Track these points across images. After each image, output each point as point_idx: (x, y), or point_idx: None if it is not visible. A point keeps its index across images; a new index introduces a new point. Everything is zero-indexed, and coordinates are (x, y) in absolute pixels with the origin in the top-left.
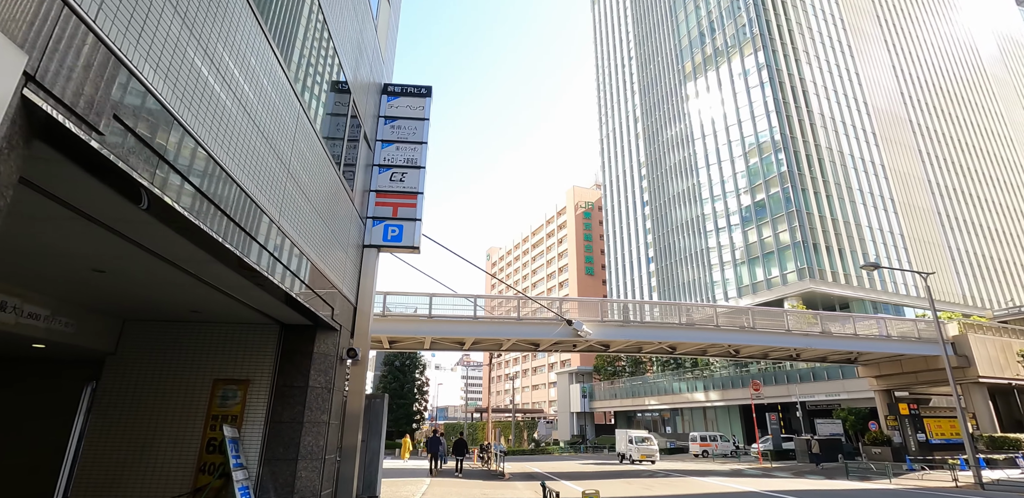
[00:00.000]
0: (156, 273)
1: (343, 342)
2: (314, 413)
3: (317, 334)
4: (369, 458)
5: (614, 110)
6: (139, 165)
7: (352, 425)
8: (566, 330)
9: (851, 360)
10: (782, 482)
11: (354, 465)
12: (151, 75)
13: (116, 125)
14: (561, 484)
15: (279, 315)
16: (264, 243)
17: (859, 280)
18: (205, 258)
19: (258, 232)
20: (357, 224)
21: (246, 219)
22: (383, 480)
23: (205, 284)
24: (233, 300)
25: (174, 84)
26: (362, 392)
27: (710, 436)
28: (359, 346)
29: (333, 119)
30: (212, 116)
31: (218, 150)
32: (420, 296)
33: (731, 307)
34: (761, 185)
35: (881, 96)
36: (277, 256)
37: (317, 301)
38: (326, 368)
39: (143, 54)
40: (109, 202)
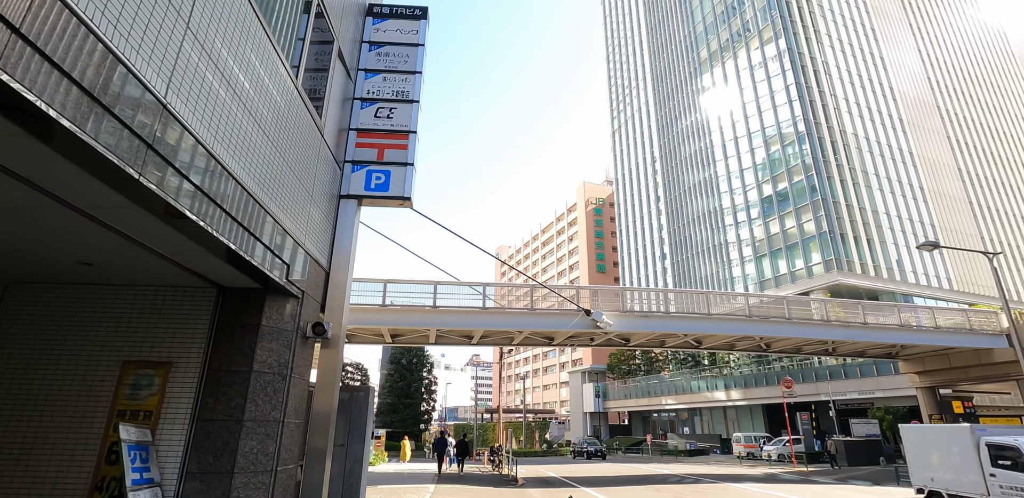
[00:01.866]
0: (44, 220)
1: (307, 314)
2: (261, 408)
3: (268, 301)
4: (350, 466)
5: (626, 102)
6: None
7: (321, 425)
8: (584, 321)
9: (891, 355)
10: (830, 490)
11: (323, 476)
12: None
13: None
14: (582, 491)
15: (215, 274)
16: (186, 171)
17: (889, 272)
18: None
19: (178, 156)
20: (331, 170)
21: (159, 137)
22: (381, 487)
23: (109, 229)
24: (150, 253)
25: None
26: (334, 383)
27: (755, 437)
28: (331, 321)
29: (300, 42)
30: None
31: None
32: (424, 284)
33: (766, 295)
34: (783, 174)
35: (908, 81)
36: (208, 192)
37: (269, 257)
38: (280, 348)
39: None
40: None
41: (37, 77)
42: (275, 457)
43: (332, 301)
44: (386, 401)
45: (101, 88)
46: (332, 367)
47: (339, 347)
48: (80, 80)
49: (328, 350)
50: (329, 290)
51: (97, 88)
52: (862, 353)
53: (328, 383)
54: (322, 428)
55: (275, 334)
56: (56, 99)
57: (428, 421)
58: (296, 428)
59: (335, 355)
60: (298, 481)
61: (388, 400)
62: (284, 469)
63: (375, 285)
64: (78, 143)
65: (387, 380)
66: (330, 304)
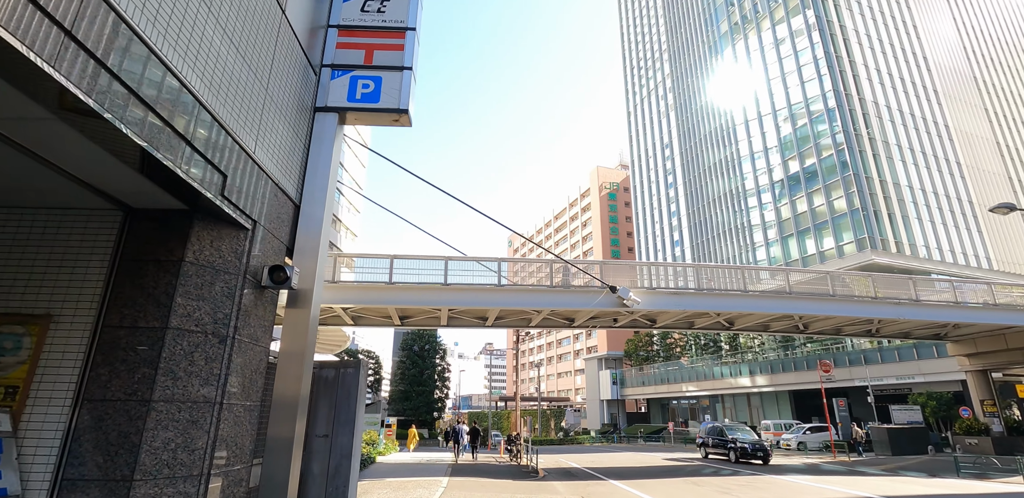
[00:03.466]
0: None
1: (263, 254)
2: (183, 383)
3: (197, 229)
4: (336, 462)
5: (641, 82)
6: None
7: (286, 409)
8: (608, 299)
9: (939, 336)
10: (889, 484)
11: (288, 478)
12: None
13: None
14: (611, 485)
15: (119, 188)
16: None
17: (926, 251)
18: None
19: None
20: (302, 72)
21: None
22: (390, 480)
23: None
24: (20, 153)
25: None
26: (305, 352)
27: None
28: (301, 268)
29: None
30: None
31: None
32: (434, 260)
33: (810, 270)
34: (811, 149)
35: (943, 51)
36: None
37: (197, 161)
38: (217, 297)
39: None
40: None
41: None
42: (206, 455)
43: (303, 242)
44: (398, 389)
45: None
46: (302, 331)
47: (312, 305)
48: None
49: (297, 309)
50: (300, 229)
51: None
52: (907, 334)
53: (296, 352)
54: (287, 413)
55: (208, 277)
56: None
57: (441, 409)
58: (246, 413)
59: (306, 316)
60: (250, 488)
61: (400, 387)
62: (225, 472)
63: (381, 261)
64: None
65: (399, 367)
66: (301, 246)
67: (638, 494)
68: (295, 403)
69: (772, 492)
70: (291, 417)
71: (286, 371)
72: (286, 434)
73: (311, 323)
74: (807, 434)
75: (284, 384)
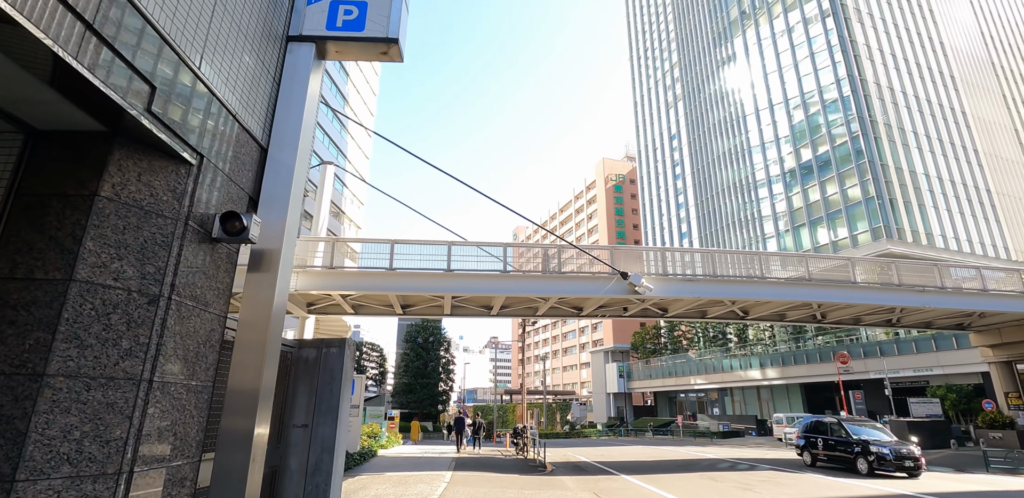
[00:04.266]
0: None
1: (213, 199)
2: (93, 353)
3: (118, 156)
4: (316, 457)
5: (648, 70)
6: None
7: (244, 393)
8: (619, 286)
9: (962, 325)
10: (918, 480)
11: (246, 476)
12: None
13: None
14: (623, 480)
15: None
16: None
17: (943, 240)
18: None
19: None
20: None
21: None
22: (390, 474)
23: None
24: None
25: None
26: (268, 324)
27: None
28: (267, 223)
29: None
30: None
31: None
32: (436, 245)
33: (832, 256)
34: (824, 137)
35: (960, 36)
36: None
37: (119, 69)
38: (146, 245)
39: None
40: None
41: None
42: (126, 447)
43: (272, 193)
44: (402, 381)
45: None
46: (266, 299)
47: (280, 268)
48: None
49: (261, 273)
50: (268, 176)
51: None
52: (929, 324)
53: (258, 324)
54: (247, 398)
55: (133, 219)
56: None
57: (446, 402)
58: (190, 395)
59: (272, 281)
60: (199, 488)
61: (404, 380)
62: (157, 469)
63: (381, 247)
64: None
65: (403, 359)
66: (268, 197)
67: (653, 490)
68: (256, 386)
69: (797, 489)
70: (251, 402)
71: (246, 347)
72: (244, 423)
73: (278, 290)
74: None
75: (243, 363)
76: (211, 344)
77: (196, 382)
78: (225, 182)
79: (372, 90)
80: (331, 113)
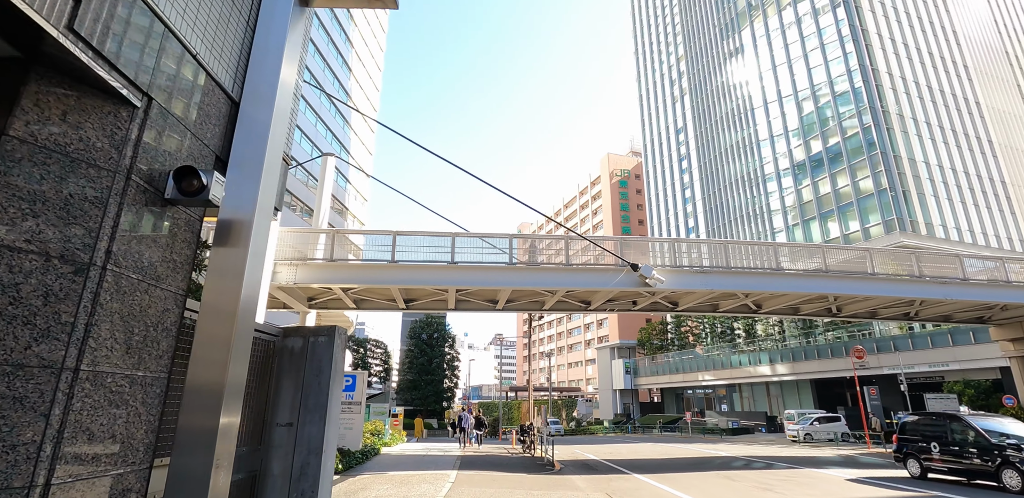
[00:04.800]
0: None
1: (166, 150)
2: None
3: (32, 88)
4: (301, 459)
5: (654, 63)
6: None
7: (206, 387)
8: (629, 279)
9: (983, 319)
10: None
11: (207, 479)
12: None
13: None
14: (635, 480)
15: None
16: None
17: (957, 233)
18: None
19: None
20: None
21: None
22: (393, 474)
23: None
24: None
25: None
26: (238, 309)
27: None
28: (237, 188)
29: None
30: None
31: None
32: (440, 237)
33: (849, 247)
34: (835, 128)
35: (973, 25)
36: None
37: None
38: (73, 200)
39: None
40: None
41: None
42: (39, 453)
43: (243, 153)
44: (406, 378)
45: None
46: (234, 276)
47: (251, 240)
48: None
49: (229, 248)
50: (239, 135)
51: None
52: (948, 318)
53: (224, 307)
54: (209, 392)
55: (55, 167)
56: None
57: (451, 399)
58: (136, 389)
59: (242, 256)
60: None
61: (409, 377)
62: (86, 480)
63: (383, 240)
64: None
65: (407, 356)
66: (239, 158)
67: (668, 490)
68: (220, 379)
69: (819, 488)
70: (214, 398)
71: (208, 333)
72: (205, 423)
73: (250, 267)
74: (815, 425)
75: (205, 351)
76: (165, 328)
77: (144, 373)
78: (183, 134)
79: (375, 86)
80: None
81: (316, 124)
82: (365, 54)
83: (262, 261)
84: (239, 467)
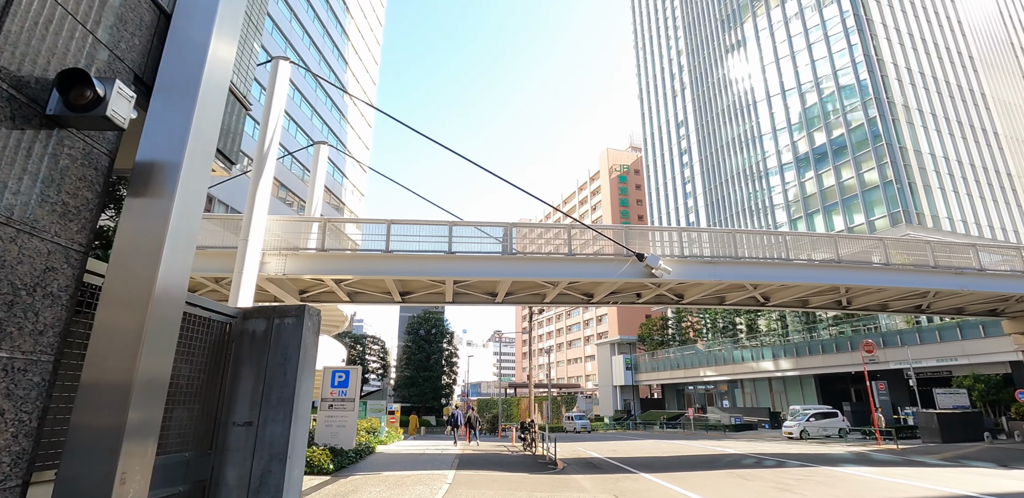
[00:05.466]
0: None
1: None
2: None
3: None
4: (262, 465)
5: (654, 56)
6: None
7: (111, 378)
8: (634, 269)
9: (995, 312)
10: (957, 475)
11: (108, 491)
12: None
13: None
14: (643, 479)
15: None
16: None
17: (964, 225)
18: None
19: None
20: None
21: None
22: (387, 474)
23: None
24: None
25: None
26: (157, 274)
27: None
28: (163, 121)
29: None
30: None
31: None
32: (436, 225)
33: (862, 236)
34: (840, 120)
35: (979, 16)
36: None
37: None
38: None
39: None
40: None
41: None
42: None
43: (174, 75)
44: (404, 374)
45: None
46: (154, 235)
47: (176, 193)
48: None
49: (148, 198)
50: (169, 53)
51: None
52: (960, 310)
53: (138, 272)
54: (116, 383)
55: None
56: None
57: (449, 395)
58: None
59: (165, 210)
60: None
61: (406, 373)
62: None
63: (378, 228)
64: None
65: (404, 352)
66: (167, 81)
67: (680, 491)
68: (129, 364)
69: (841, 488)
70: (120, 390)
71: (116, 304)
72: (109, 421)
73: (174, 224)
74: (811, 421)
75: (109, 329)
76: (49, 293)
77: (11, 353)
78: (82, 36)
79: (372, 79)
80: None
81: (312, 118)
82: (362, 47)
83: (195, 219)
84: (182, 477)
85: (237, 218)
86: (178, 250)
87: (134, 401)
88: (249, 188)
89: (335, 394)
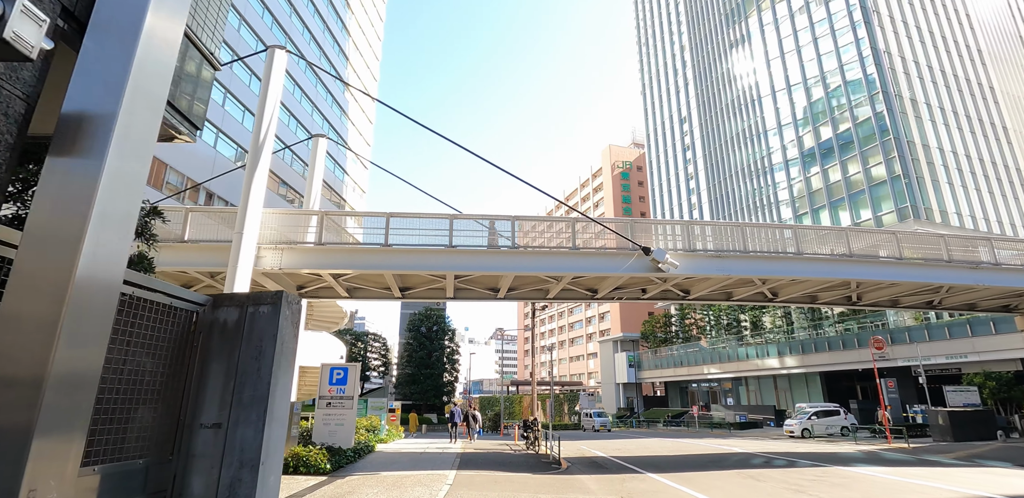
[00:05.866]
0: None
1: None
2: None
3: None
4: (231, 472)
5: (657, 51)
6: None
7: (21, 362)
8: (640, 263)
9: (1009, 307)
10: (975, 475)
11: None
12: None
13: None
14: (650, 480)
15: None
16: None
17: (972, 221)
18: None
19: None
20: None
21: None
22: (385, 474)
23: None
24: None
25: None
26: (76, 248)
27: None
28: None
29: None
30: None
31: None
32: (437, 218)
33: (873, 230)
34: (846, 114)
35: (987, 9)
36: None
37: None
38: None
39: None
40: None
41: None
42: None
43: (112, 12)
44: (405, 372)
45: None
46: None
47: (109, 151)
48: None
49: (73, 158)
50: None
51: None
52: (972, 306)
53: (59, 241)
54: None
55: None
56: None
57: (451, 393)
58: None
59: (94, 171)
60: None
61: (407, 370)
62: None
63: (377, 221)
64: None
65: (406, 349)
66: (104, 17)
67: (690, 492)
68: (45, 353)
69: (858, 491)
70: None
71: (26, 282)
72: (11, 422)
73: (105, 184)
74: (812, 419)
75: (18, 310)
76: None
77: None
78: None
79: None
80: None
81: (312, 114)
82: (362, 43)
83: (135, 184)
84: (139, 487)
85: (232, 211)
86: (111, 221)
87: (47, 400)
88: (244, 179)
89: (333, 392)
